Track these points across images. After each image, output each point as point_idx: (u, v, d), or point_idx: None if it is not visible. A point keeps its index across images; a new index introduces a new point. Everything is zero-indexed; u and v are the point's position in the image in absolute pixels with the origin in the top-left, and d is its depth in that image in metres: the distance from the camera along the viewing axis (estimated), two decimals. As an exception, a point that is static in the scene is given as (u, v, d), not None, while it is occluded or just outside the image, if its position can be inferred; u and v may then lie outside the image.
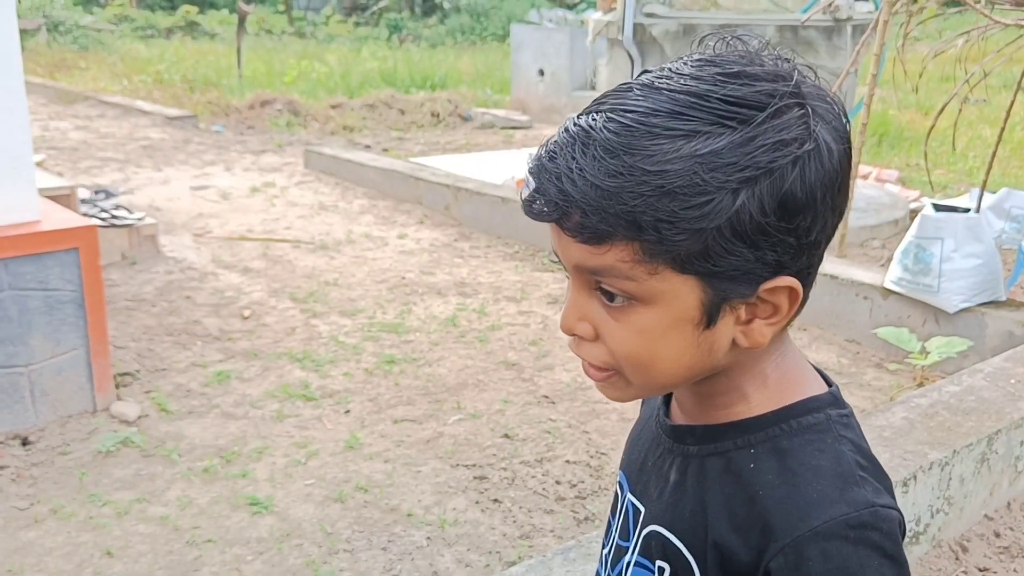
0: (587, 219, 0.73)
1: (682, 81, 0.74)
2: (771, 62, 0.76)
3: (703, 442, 0.85)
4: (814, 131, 0.73)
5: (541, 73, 11.96)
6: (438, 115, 11.33)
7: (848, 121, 0.78)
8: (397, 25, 22.19)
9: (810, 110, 0.74)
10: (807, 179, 0.73)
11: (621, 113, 0.73)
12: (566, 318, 0.81)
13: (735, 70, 0.74)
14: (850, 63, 5.06)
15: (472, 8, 22.48)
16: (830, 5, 5.76)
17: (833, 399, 0.83)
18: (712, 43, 0.78)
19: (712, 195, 0.71)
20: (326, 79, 13.49)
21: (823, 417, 0.81)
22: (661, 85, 0.74)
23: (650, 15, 6.19)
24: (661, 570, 0.86)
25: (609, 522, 0.98)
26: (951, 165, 8.09)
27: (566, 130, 0.75)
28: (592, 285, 0.78)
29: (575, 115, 0.77)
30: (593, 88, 11.58)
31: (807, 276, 0.79)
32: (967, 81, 4.43)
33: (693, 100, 0.72)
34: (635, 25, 6.15)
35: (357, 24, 24.45)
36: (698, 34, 6.05)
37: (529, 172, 0.76)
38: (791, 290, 0.77)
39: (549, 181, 0.74)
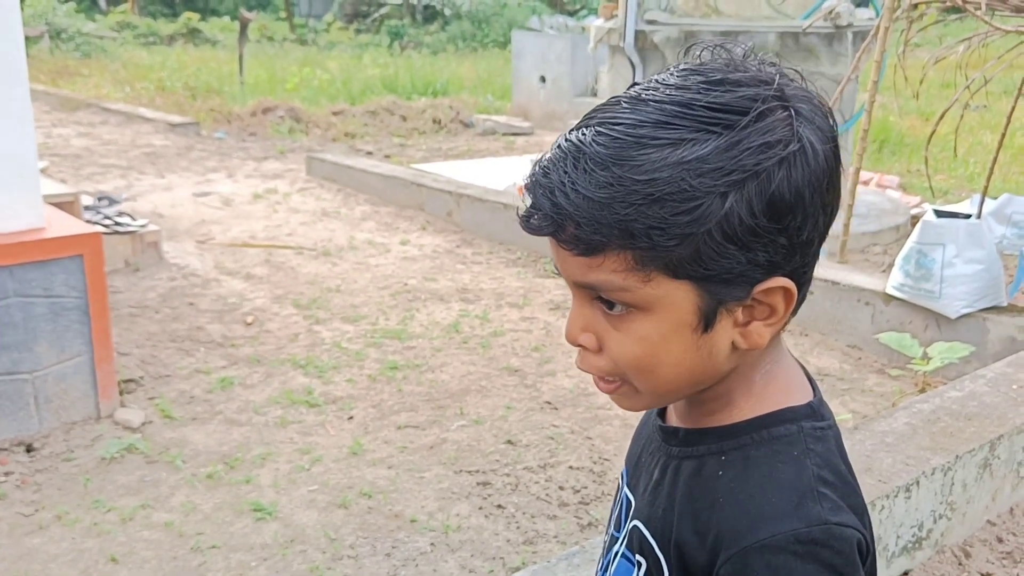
0: (581, 231, 0.75)
1: (667, 92, 0.75)
2: (755, 68, 0.77)
3: (683, 444, 0.87)
4: (798, 132, 0.74)
5: (542, 80, 11.99)
6: (440, 121, 11.36)
7: (834, 121, 0.79)
8: (398, 32, 22.27)
9: (793, 112, 0.75)
10: (794, 179, 0.74)
11: (610, 127, 0.75)
12: (570, 330, 0.83)
13: (718, 77, 0.76)
14: (851, 70, 5.08)
15: (473, 15, 22.56)
16: (831, 12, 5.78)
17: (811, 411, 0.84)
18: (698, 52, 0.80)
19: (701, 200, 0.72)
20: (328, 86, 13.54)
21: (795, 429, 0.82)
22: (647, 97, 0.76)
23: (651, 22, 6.21)
24: (639, 564, 0.88)
25: (611, 511, 1.01)
26: (952, 171, 8.11)
27: (558, 146, 0.77)
28: (592, 295, 0.80)
29: (567, 131, 0.79)
30: (595, 95, 11.60)
31: (802, 276, 0.80)
32: (968, 87, 4.44)
33: (678, 109, 0.74)
34: (636, 32, 6.17)
35: (358, 31, 24.53)
36: (700, 40, 6.11)
37: (525, 188, 0.79)
38: (785, 290, 0.78)
39: (543, 196, 0.76)
